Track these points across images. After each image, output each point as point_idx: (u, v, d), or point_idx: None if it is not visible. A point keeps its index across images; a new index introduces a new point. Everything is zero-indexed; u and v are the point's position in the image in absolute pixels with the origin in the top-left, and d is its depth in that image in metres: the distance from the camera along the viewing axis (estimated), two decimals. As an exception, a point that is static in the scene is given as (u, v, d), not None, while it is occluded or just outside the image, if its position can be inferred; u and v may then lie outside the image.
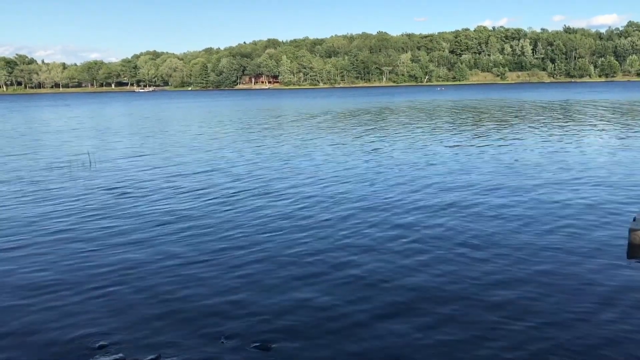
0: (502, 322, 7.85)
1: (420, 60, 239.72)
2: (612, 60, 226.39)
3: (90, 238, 12.50)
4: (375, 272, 9.94)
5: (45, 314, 8.50)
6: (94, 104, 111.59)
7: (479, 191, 16.59)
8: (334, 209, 14.68)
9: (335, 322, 8.01)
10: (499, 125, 40.14)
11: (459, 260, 10.48)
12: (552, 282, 9.24)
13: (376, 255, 10.85)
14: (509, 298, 8.66)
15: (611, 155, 23.34)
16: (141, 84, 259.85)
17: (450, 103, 76.75)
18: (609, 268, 9.86)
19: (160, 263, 10.71)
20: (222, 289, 9.32)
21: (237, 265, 10.47)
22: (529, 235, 11.94)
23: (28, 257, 11.28)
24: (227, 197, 16.67)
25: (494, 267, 10.04)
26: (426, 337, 7.48)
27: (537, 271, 9.77)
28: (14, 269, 10.55)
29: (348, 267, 10.20)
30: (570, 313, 8.08)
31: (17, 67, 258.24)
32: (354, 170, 21.02)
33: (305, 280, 9.62)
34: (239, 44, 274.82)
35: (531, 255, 10.62)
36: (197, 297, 9.01)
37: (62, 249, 11.73)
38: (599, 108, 57.31)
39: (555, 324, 7.74)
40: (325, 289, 9.24)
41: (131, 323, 8.14)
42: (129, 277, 9.98)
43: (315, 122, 47.94)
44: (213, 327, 7.92)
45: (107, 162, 25.10)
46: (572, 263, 10.16)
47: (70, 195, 17.38)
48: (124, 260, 10.90)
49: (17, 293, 9.37)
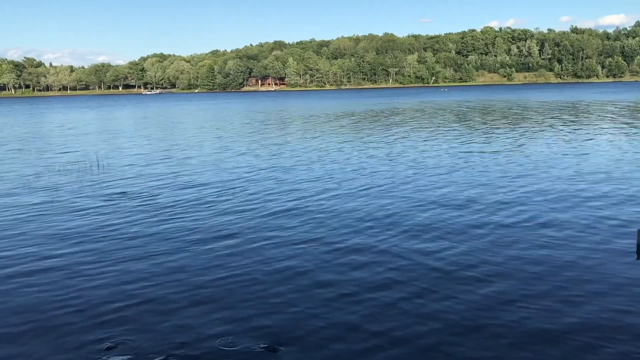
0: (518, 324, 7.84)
1: (426, 62, 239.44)
2: (619, 60, 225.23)
3: (101, 239, 12.58)
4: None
5: (54, 316, 8.53)
6: (108, 106, 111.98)
7: (483, 199, 16.56)
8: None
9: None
10: (507, 126, 40.03)
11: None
12: (572, 278, 9.22)
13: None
14: (524, 299, 8.65)
15: (624, 156, 23.23)
16: (148, 87, 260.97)
17: (455, 104, 76.57)
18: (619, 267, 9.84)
19: (170, 265, 10.76)
20: (231, 290, 9.35)
21: (250, 271, 10.48)
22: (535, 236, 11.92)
23: (33, 258, 11.36)
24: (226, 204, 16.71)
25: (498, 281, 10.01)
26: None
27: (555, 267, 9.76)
28: (18, 269, 10.63)
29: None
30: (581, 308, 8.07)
31: (26, 70, 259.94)
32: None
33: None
34: (245, 46, 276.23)
35: (541, 255, 10.61)
36: (205, 300, 9.03)
37: (68, 251, 11.79)
38: (621, 108, 57.00)
39: (572, 323, 7.74)
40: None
41: (139, 324, 8.17)
42: (137, 279, 10.02)
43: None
44: (220, 328, 7.94)
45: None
46: (583, 262, 10.14)
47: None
48: (134, 263, 10.96)
49: (24, 294, 9.42)
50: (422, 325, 7.90)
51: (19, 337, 7.90)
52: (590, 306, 8.36)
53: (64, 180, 20.87)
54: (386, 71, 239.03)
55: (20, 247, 12.18)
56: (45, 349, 7.52)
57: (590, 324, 7.79)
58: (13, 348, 7.58)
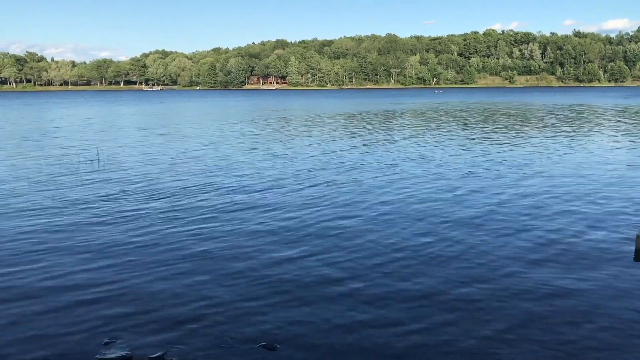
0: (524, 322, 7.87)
1: (428, 63, 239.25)
2: (621, 65, 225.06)
3: (99, 235, 12.59)
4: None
5: (53, 311, 8.55)
6: (111, 102, 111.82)
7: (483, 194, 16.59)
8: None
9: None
10: (506, 129, 40.04)
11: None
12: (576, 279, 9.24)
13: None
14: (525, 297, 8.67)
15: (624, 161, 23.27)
16: (149, 83, 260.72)
17: (458, 105, 76.61)
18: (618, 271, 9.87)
19: (171, 261, 10.77)
20: (230, 288, 9.36)
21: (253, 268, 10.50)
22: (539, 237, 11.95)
23: (35, 254, 11.36)
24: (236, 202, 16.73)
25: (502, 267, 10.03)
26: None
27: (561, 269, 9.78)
28: (21, 266, 10.63)
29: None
30: (584, 313, 8.09)
31: (27, 64, 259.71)
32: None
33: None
34: (247, 45, 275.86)
35: (542, 258, 10.64)
36: (204, 297, 9.05)
37: (69, 246, 11.81)
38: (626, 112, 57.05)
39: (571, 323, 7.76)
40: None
41: (137, 320, 8.17)
42: (135, 275, 10.03)
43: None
44: (219, 326, 7.95)
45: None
46: (582, 266, 10.16)
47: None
48: (132, 257, 10.97)
49: (24, 291, 9.43)
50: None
51: (21, 324, 7.92)
52: (593, 313, 8.39)
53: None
54: (388, 72, 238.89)
55: (20, 240, 12.21)
56: (43, 343, 7.53)
57: (593, 329, 7.83)
58: (9, 341, 7.60)
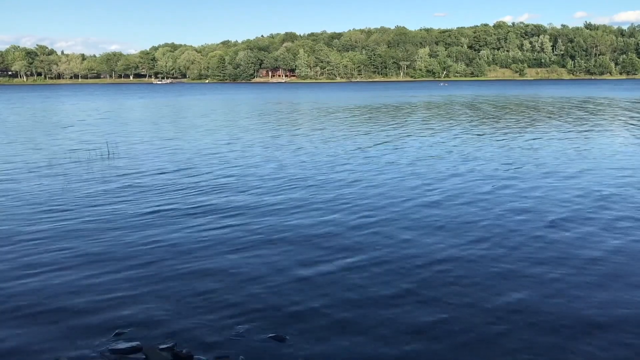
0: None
1: (438, 55, 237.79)
2: (633, 57, 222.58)
3: (111, 227, 12.67)
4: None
5: (64, 301, 8.62)
6: (123, 95, 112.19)
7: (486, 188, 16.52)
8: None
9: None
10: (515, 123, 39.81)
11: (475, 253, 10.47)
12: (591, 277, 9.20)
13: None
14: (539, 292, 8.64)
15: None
16: (159, 76, 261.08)
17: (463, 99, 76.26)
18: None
19: (179, 252, 10.82)
20: (241, 278, 9.39)
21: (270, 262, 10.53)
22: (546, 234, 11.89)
23: (45, 243, 11.45)
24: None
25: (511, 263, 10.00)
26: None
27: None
28: (28, 256, 10.72)
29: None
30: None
31: (37, 57, 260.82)
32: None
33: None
34: (256, 37, 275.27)
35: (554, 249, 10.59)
36: (214, 286, 9.08)
37: (80, 237, 11.89)
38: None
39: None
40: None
41: (147, 312, 8.22)
42: (146, 266, 10.09)
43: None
44: (228, 317, 7.98)
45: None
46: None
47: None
48: (143, 247, 11.03)
49: (37, 281, 9.51)
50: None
51: (29, 320, 7.99)
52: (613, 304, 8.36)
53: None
54: (397, 65, 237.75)
55: (29, 232, 12.31)
56: (55, 333, 7.60)
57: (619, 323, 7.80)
58: (22, 331, 7.67)
